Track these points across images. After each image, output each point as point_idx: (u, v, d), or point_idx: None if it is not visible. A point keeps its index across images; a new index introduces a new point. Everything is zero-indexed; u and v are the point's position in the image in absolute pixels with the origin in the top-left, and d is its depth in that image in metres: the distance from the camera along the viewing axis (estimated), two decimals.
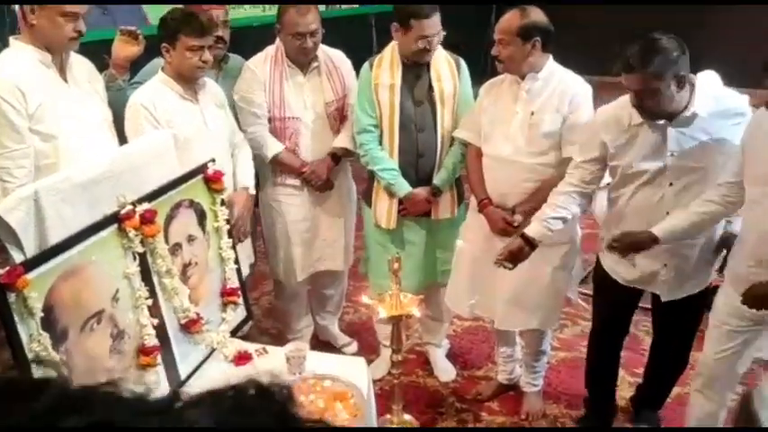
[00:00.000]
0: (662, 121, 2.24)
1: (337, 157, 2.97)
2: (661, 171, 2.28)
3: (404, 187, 2.81)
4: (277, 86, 2.84)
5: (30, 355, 1.50)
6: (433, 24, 2.65)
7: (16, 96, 2.06)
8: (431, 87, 2.77)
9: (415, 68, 2.76)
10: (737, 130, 2.20)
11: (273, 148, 2.89)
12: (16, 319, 1.47)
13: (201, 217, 2.16)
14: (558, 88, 2.52)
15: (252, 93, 2.85)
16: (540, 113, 2.51)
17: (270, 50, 2.89)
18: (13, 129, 2.08)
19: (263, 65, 2.86)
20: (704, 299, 2.48)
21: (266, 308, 3.85)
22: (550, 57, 2.55)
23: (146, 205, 1.85)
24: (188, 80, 2.52)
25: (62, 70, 2.23)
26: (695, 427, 2.39)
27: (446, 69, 2.79)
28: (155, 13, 4.43)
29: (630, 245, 2.32)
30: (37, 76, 2.13)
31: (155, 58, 2.85)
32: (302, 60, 2.85)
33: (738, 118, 2.23)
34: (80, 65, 2.34)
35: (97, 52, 2.68)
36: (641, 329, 3.34)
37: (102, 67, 2.57)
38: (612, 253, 2.38)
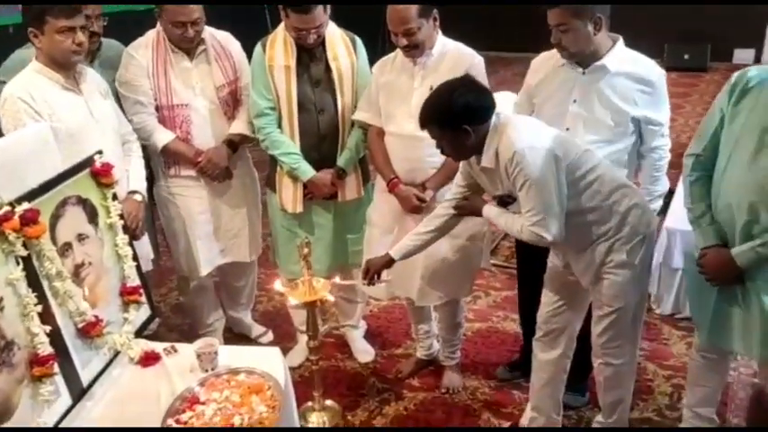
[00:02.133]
0: (579, 69, 2.35)
1: (234, 144, 2.85)
2: (560, 115, 2.37)
3: (307, 171, 2.75)
4: (162, 73, 2.70)
5: None
6: (309, 19, 2.55)
7: None
8: (328, 67, 2.70)
9: (311, 48, 2.68)
10: (644, 97, 2.32)
11: (163, 137, 2.74)
12: None
13: (92, 214, 2.01)
14: (453, 61, 2.51)
15: (135, 80, 2.69)
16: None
17: (151, 35, 2.74)
18: None
19: (144, 50, 2.70)
20: None
21: (174, 304, 3.71)
22: (440, 31, 2.56)
23: (26, 205, 1.69)
24: (65, 67, 2.32)
25: None
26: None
27: (342, 48, 2.73)
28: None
29: None
30: None
31: (17, 49, 2.64)
32: (185, 46, 2.71)
33: (645, 86, 2.33)
34: None
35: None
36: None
37: None
38: None
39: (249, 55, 2.83)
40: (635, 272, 2.20)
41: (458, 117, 2.07)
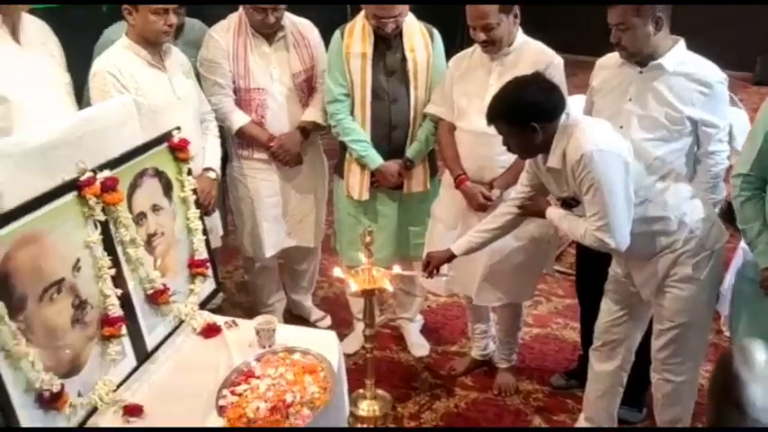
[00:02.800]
0: (637, 68, 2.30)
1: (306, 131, 2.90)
2: (616, 113, 2.33)
3: (375, 160, 2.77)
4: (242, 56, 2.77)
5: None
6: (388, 8, 2.58)
7: None
8: (404, 58, 2.71)
9: (388, 38, 2.69)
10: (701, 98, 2.24)
11: (239, 119, 2.82)
12: None
13: (168, 186, 2.10)
14: (531, 59, 2.47)
15: (215, 61, 2.77)
16: None
17: (233, 18, 2.81)
18: None
19: (226, 33, 2.78)
20: None
21: (239, 282, 3.81)
22: (520, 29, 2.53)
23: (107, 172, 1.78)
24: (153, 45, 2.43)
25: (14, 32, 2.14)
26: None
27: (420, 40, 2.74)
28: None
29: None
30: None
31: (106, 29, 2.75)
32: (265, 31, 2.77)
33: (704, 87, 2.24)
34: (34, 27, 2.25)
35: (63, 19, 2.60)
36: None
37: (65, 35, 2.46)
38: None
39: (327, 43, 2.88)
40: (701, 287, 2.13)
41: (526, 114, 2.04)
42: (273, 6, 2.67)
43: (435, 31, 2.81)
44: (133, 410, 1.76)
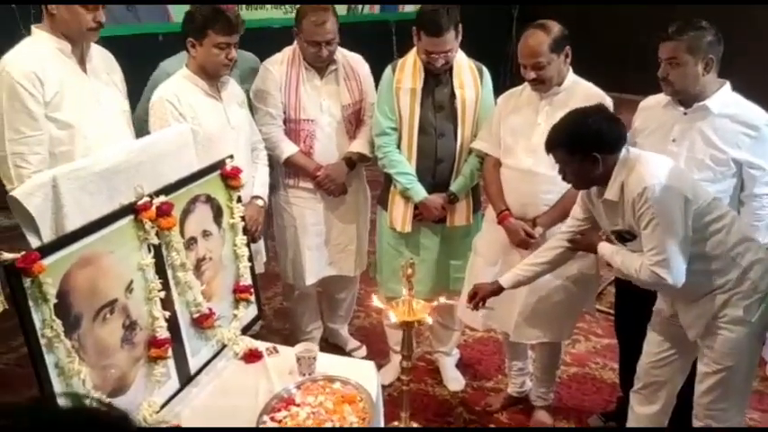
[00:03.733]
0: (681, 109, 2.32)
1: (352, 161, 2.95)
2: (659, 154, 2.29)
3: (420, 193, 2.80)
4: (293, 88, 2.84)
5: (42, 341, 1.49)
6: (440, 43, 2.62)
7: (33, 83, 2.09)
8: (453, 94, 2.76)
9: (438, 74, 2.74)
10: (746, 141, 2.24)
11: (288, 149, 2.88)
12: (30, 304, 1.47)
13: (218, 213, 2.15)
14: (581, 99, 2.45)
15: (268, 92, 2.85)
16: None
17: (288, 51, 2.89)
18: (30, 115, 2.09)
19: (280, 66, 2.86)
20: None
21: (277, 308, 3.84)
22: (571, 68, 2.54)
23: (163, 198, 1.84)
24: (211, 77, 2.53)
25: (82, 61, 2.25)
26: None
27: (469, 77, 2.78)
28: (178, 11, 4.47)
29: None
30: (55, 65, 2.15)
31: (163, 61, 2.85)
32: (318, 65, 2.85)
33: (750, 130, 2.24)
34: (100, 56, 2.35)
35: (121, 47, 2.70)
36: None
37: (124, 62, 2.57)
38: None
39: (375, 77, 2.94)
40: (751, 330, 2.09)
41: (589, 143, 2.04)
42: (327, 41, 2.75)
43: (485, 69, 2.84)
44: None
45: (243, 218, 2.25)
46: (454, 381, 3.19)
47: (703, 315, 2.13)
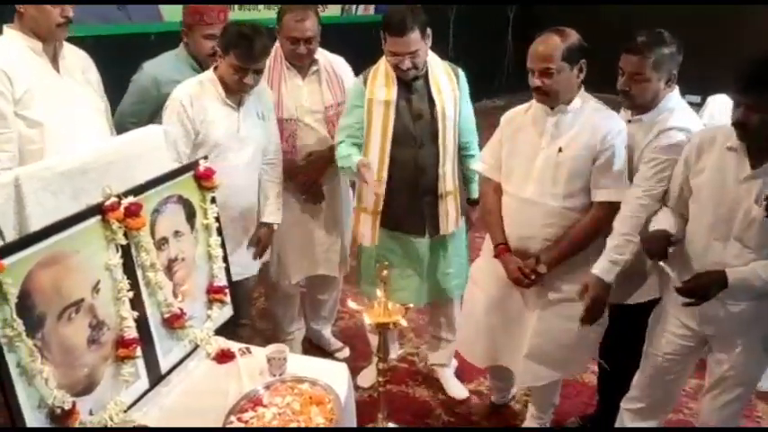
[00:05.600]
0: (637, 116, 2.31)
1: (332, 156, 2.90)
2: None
3: (353, 160, 2.62)
4: (275, 87, 2.85)
5: (2, 340, 1.50)
6: (403, 43, 2.53)
7: (2, 81, 2.10)
8: (431, 101, 2.68)
9: (413, 82, 2.67)
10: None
11: None
12: None
13: (191, 214, 2.16)
14: (591, 123, 2.29)
15: None
16: (568, 150, 2.30)
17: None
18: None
19: None
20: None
21: (261, 308, 3.85)
22: (582, 86, 2.35)
23: (131, 198, 1.85)
24: (231, 89, 2.56)
25: (55, 60, 2.26)
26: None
27: (445, 80, 2.72)
28: (170, 12, 4.48)
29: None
30: (25, 63, 2.18)
31: (145, 62, 2.85)
32: (297, 64, 2.85)
33: (666, 131, 2.21)
34: (74, 56, 2.36)
35: (110, 46, 2.71)
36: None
37: (114, 61, 2.58)
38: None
39: None
40: None
41: None
42: (306, 38, 2.75)
43: (460, 71, 2.81)
44: None
45: (218, 219, 2.26)
46: (458, 389, 3.14)
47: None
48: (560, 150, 2.29)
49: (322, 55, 2.92)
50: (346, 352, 3.43)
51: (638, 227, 2.20)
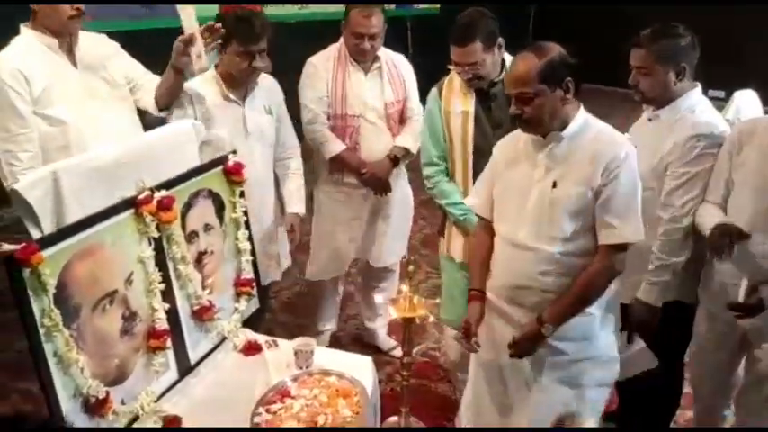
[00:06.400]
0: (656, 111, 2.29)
1: (397, 159, 2.98)
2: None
3: (473, 222, 2.41)
4: (339, 84, 2.87)
5: (41, 330, 1.53)
6: (462, 53, 2.42)
7: (19, 81, 2.14)
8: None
9: (490, 89, 2.53)
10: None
11: (334, 148, 2.91)
12: (30, 294, 1.51)
13: (220, 207, 2.19)
14: (590, 150, 1.94)
15: (314, 89, 2.88)
16: (563, 184, 1.96)
17: (333, 48, 2.93)
18: (16, 113, 2.15)
19: (326, 62, 2.89)
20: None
21: (284, 301, 3.88)
22: (581, 106, 2.00)
23: (164, 192, 1.88)
24: (238, 82, 2.57)
25: (71, 54, 2.29)
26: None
27: None
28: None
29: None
30: (42, 61, 2.21)
31: None
32: (360, 60, 2.87)
33: (690, 141, 2.18)
34: (91, 46, 2.38)
35: (139, 42, 2.75)
36: None
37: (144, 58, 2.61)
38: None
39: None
40: None
41: None
42: (371, 34, 2.78)
43: None
44: (172, 421, 1.83)
45: (245, 212, 2.28)
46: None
47: None
48: (554, 185, 1.96)
49: (383, 52, 2.94)
50: (399, 351, 3.23)
51: (678, 249, 2.20)
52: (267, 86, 2.71)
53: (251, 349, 2.19)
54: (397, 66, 2.97)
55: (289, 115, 2.84)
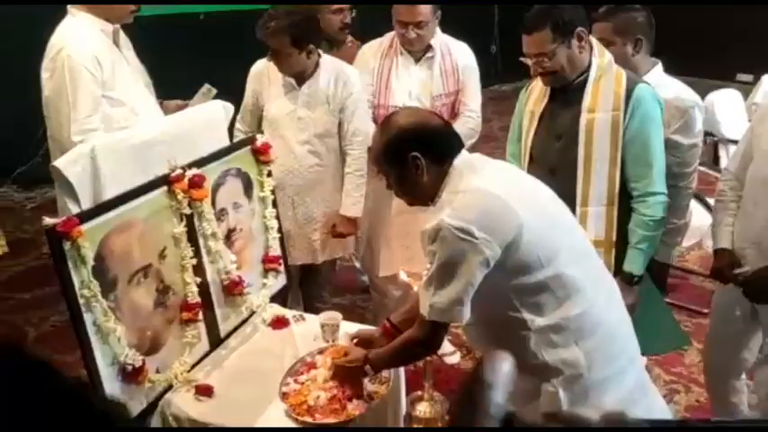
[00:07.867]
0: None
1: None
2: None
3: None
4: (385, 73, 2.80)
5: (81, 301, 1.62)
6: (529, 42, 2.09)
7: (94, 65, 2.19)
8: (577, 118, 2.11)
9: (567, 94, 2.14)
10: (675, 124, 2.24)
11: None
12: (70, 266, 1.59)
13: (248, 186, 2.25)
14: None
15: (360, 77, 2.76)
16: None
17: (388, 36, 2.85)
18: (92, 96, 2.19)
19: (377, 49, 2.84)
20: None
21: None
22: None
23: (195, 170, 1.94)
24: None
25: (116, 41, 2.35)
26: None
27: (610, 98, 2.08)
28: None
29: None
30: (102, 46, 2.26)
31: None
32: (409, 49, 2.77)
33: (680, 113, 2.24)
34: (124, 35, 2.45)
35: (163, 26, 2.80)
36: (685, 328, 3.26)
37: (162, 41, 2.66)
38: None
39: None
40: None
41: None
42: (416, 22, 2.66)
43: (640, 90, 2.07)
44: (204, 390, 1.90)
45: (273, 191, 2.34)
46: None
47: None
48: None
49: (441, 40, 2.81)
50: (457, 357, 3.24)
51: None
52: (341, 77, 2.64)
53: (279, 323, 2.26)
54: (454, 57, 2.80)
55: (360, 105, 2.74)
